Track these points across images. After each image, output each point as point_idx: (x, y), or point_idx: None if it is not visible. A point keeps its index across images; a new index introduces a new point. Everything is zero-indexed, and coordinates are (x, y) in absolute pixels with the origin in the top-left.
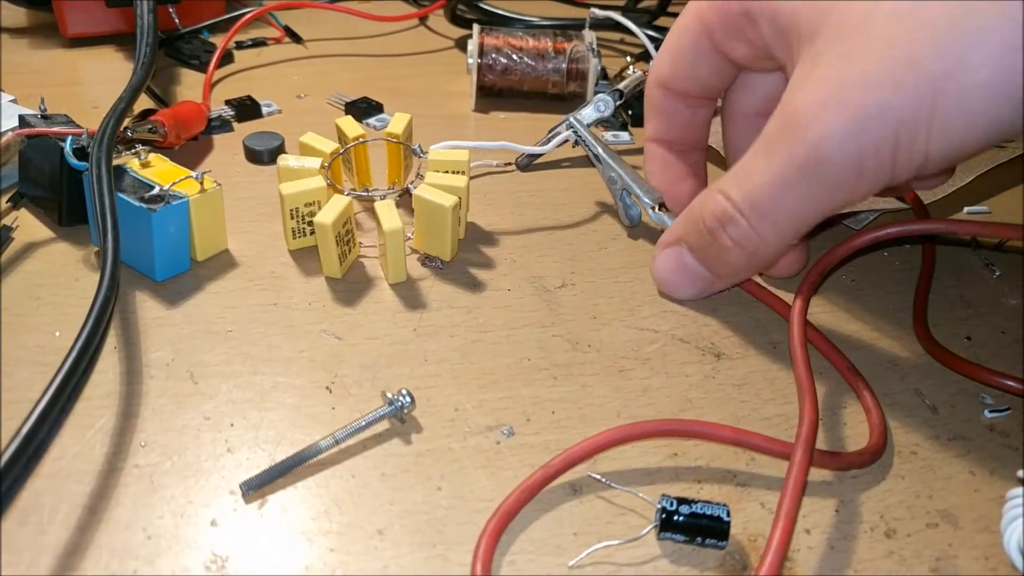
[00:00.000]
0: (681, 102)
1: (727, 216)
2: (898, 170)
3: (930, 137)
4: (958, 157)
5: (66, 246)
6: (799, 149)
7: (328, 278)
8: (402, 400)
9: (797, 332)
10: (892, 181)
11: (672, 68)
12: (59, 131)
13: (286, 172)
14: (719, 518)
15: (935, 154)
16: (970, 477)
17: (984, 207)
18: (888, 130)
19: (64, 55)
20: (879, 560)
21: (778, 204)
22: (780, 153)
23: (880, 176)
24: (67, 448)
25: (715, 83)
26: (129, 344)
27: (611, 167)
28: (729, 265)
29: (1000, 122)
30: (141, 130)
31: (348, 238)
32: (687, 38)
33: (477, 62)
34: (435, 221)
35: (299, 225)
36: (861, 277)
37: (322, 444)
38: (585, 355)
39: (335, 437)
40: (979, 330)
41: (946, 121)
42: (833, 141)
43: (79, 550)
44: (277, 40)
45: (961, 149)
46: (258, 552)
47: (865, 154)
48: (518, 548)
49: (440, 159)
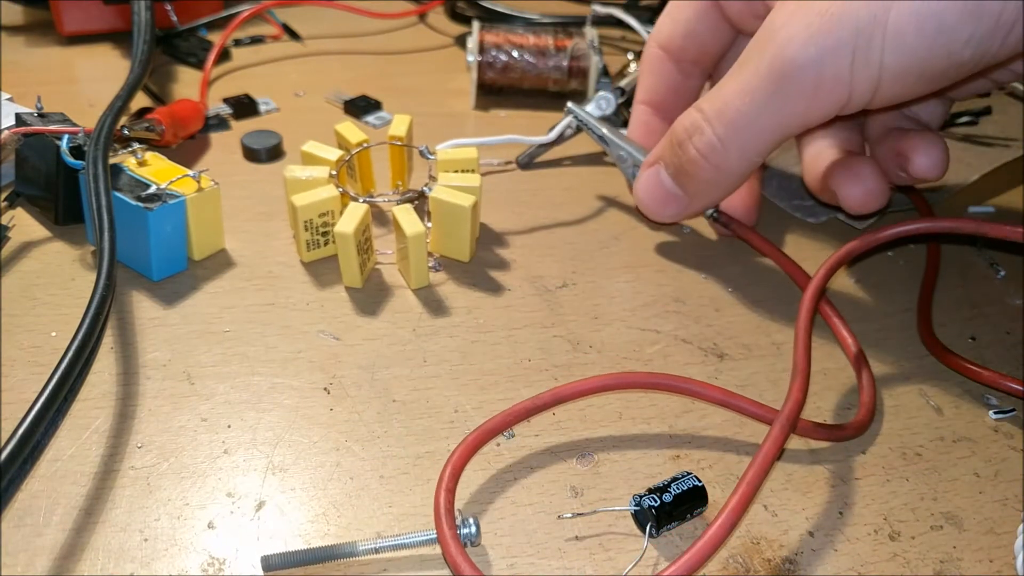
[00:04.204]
0: (676, 65)
1: (695, 126)
2: (856, 81)
3: (885, 42)
4: (913, 75)
5: (62, 245)
6: (766, 56)
7: (325, 277)
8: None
9: (804, 316)
10: (852, 97)
11: (672, 28)
12: (55, 129)
13: (294, 184)
14: (695, 487)
15: (890, 64)
16: (975, 479)
17: (989, 207)
18: (846, 32)
19: (61, 53)
20: (883, 563)
21: (742, 112)
22: (749, 64)
23: (839, 87)
24: (63, 449)
25: (711, 45)
26: (125, 344)
27: (619, 146)
28: (696, 180)
29: (949, 31)
30: (138, 128)
31: (367, 246)
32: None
33: (477, 59)
34: (454, 222)
35: (314, 237)
36: (865, 277)
37: (360, 547)
38: (586, 356)
39: (375, 545)
40: (984, 330)
41: (899, 25)
42: (795, 44)
43: (75, 552)
44: (275, 37)
45: (914, 60)
46: (256, 555)
47: (824, 58)
48: (519, 551)
49: (450, 158)
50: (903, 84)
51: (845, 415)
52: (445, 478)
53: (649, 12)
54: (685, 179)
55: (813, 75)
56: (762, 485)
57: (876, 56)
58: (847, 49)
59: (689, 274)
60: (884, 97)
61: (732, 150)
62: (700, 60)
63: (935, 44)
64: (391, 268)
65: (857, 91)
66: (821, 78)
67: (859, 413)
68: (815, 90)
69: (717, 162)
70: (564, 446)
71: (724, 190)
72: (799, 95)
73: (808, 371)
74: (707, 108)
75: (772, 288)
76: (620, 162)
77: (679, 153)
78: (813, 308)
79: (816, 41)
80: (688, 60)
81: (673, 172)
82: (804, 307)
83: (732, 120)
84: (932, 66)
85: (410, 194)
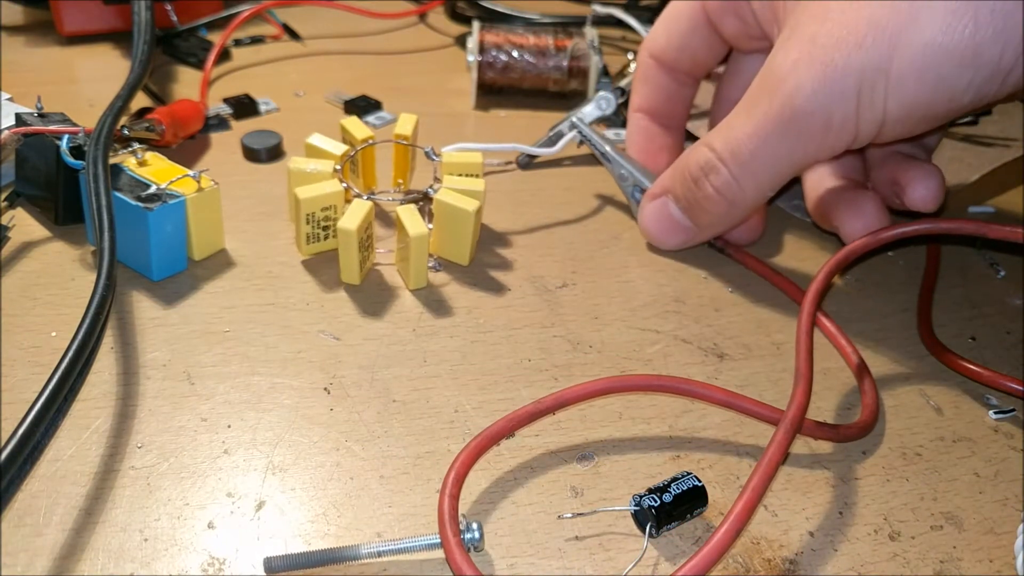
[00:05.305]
0: (669, 75)
1: (710, 165)
2: (862, 124)
3: (888, 90)
4: (915, 118)
5: (62, 245)
6: (775, 102)
7: (325, 277)
8: (472, 533)
9: (805, 320)
10: (858, 137)
11: (666, 40)
12: (55, 129)
13: (298, 176)
14: (695, 487)
15: (893, 109)
16: (975, 479)
17: (989, 207)
18: (851, 81)
19: (61, 53)
20: (883, 563)
21: (756, 154)
22: (759, 107)
23: (846, 129)
24: (63, 449)
25: (704, 58)
26: (126, 344)
27: (621, 164)
28: (710, 214)
29: (949, 80)
30: (138, 128)
31: (368, 243)
32: (683, 11)
33: (477, 59)
34: (456, 226)
35: (314, 230)
36: (865, 277)
37: (363, 550)
38: (586, 356)
39: (378, 549)
40: (984, 330)
41: (900, 75)
42: (804, 93)
43: (75, 552)
44: (275, 37)
45: (915, 105)
46: (256, 555)
47: (832, 105)
48: (519, 551)
49: (454, 161)
50: (906, 125)
51: (846, 415)
52: (449, 484)
53: (649, 12)
54: (698, 213)
55: (822, 120)
56: (765, 492)
57: (880, 102)
58: (852, 96)
59: (689, 274)
60: (888, 136)
61: (747, 187)
62: (693, 71)
63: (936, 91)
64: (391, 268)
65: (863, 132)
66: (829, 122)
67: (862, 414)
68: (824, 133)
69: (732, 199)
70: (564, 446)
71: (736, 221)
72: (810, 138)
73: (811, 376)
74: (720, 148)
75: (772, 288)
76: (621, 181)
77: (694, 190)
78: (814, 311)
79: (824, 91)
80: (681, 71)
81: (685, 206)
82: (805, 310)
83: (747, 162)
84: (934, 110)
85: (414, 195)
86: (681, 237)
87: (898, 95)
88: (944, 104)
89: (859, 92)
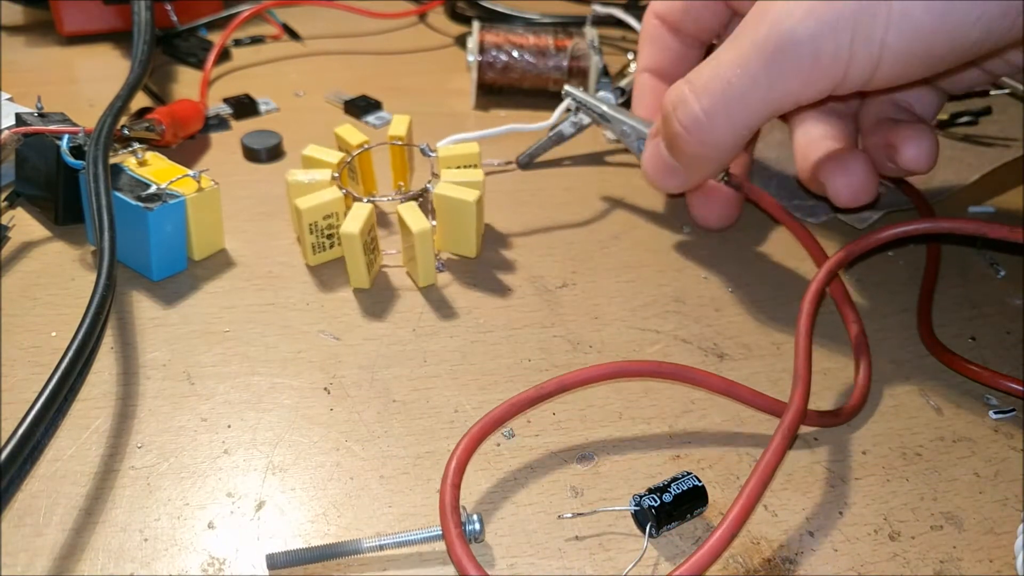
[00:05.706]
0: (675, 36)
1: (680, 98)
2: (854, 61)
3: (889, 21)
4: (915, 57)
5: (62, 245)
6: (762, 28)
7: (325, 277)
8: (473, 525)
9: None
10: (847, 75)
11: (671, 1)
12: (55, 129)
13: (297, 187)
14: (695, 487)
15: (893, 42)
16: (975, 479)
17: (989, 207)
18: (848, 8)
19: (61, 53)
20: (883, 563)
21: (732, 86)
22: (743, 37)
23: (836, 64)
24: (63, 449)
25: (709, 21)
26: (125, 344)
27: (621, 121)
28: (685, 154)
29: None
30: (138, 128)
31: (373, 246)
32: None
33: (477, 59)
34: (459, 218)
35: (319, 239)
36: (865, 277)
37: (364, 544)
38: (586, 356)
39: (379, 542)
40: (984, 330)
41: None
42: (793, 17)
43: (75, 552)
44: (275, 37)
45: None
46: (256, 555)
47: (824, 34)
48: (519, 551)
49: (451, 154)
50: (903, 65)
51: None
52: (450, 474)
53: None
54: (675, 152)
55: (810, 50)
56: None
57: (879, 34)
58: (848, 24)
59: (689, 274)
60: (881, 78)
61: (718, 123)
62: (698, 35)
63: (943, 22)
64: (397, 270)
65: (854, 70)
66: (818, 54)
67: (852, 397)
68: (811, 66)
69: (701, 136)
70: (564, 446)
71: (714, 163)
72: (794, 71)
73: (809, 378)
74: (694, 79)
75: (772, 288)
76: (624, 137)
77: (667, 125)
78: (814, 312)
79: (816, 15)
80: (687, 33)
81: (667, 144)
82: (804, 311)
83: (719, 93)
84: (936, 47)
85: (413, 192)
86: (673, 179)
87: (901, 26)
88: (947, 41)
89: (856, 21)
